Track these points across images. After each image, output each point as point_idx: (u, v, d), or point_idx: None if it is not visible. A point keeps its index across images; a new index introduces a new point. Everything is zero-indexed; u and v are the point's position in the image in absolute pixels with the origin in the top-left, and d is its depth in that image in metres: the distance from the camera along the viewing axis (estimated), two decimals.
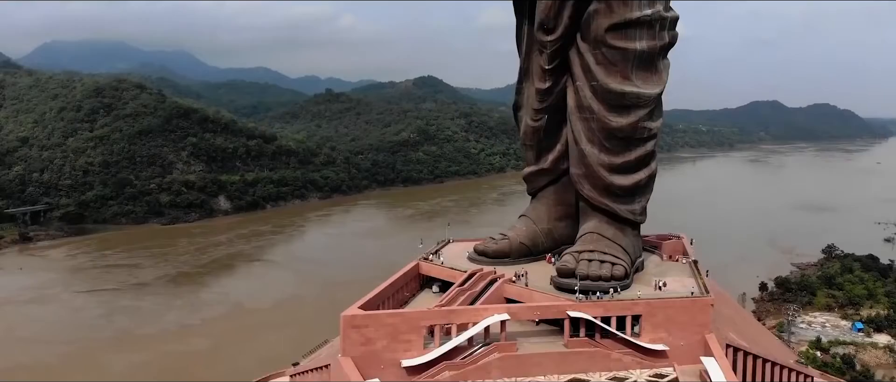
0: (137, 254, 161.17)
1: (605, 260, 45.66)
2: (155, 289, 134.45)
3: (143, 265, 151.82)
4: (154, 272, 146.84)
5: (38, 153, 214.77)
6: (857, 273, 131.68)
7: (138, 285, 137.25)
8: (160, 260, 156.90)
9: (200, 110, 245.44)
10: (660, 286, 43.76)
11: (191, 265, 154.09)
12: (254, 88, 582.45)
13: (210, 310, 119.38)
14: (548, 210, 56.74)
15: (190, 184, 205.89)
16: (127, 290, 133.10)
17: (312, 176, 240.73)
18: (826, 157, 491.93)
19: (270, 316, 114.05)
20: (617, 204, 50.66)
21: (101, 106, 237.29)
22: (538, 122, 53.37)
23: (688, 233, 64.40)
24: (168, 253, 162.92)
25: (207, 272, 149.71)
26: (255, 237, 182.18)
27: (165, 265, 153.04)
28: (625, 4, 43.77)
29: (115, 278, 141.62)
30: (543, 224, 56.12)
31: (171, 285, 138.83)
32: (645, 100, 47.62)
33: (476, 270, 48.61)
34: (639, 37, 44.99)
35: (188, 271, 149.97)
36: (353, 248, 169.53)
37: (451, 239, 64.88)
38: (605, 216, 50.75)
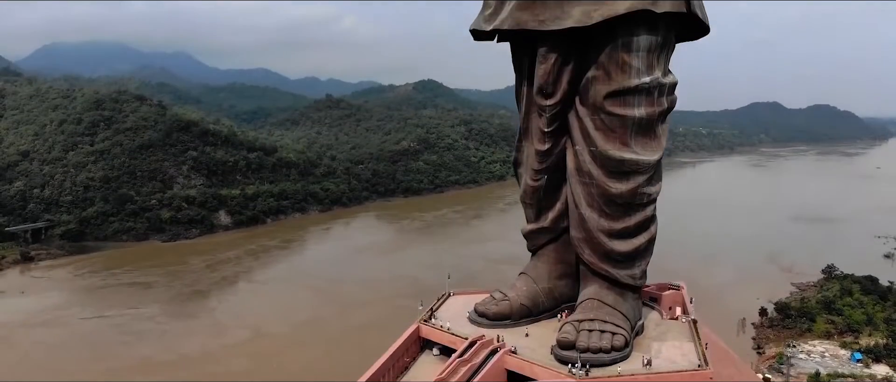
0: (146, 273, 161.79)
1: (605, 330, 45.50)
2: (169, 311, 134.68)
3: (153, 285, 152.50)
4: (166, 292, 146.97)
5: (39, 168, 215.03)
6: (857, 296, 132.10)
7: (151, 305, 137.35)
8: (170, 279, 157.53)
9: (201, 123, 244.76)
10: (646, 362, 43.66)
11: (202, 284, 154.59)
12: (254, 92, 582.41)
13: (231, 335, 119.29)
14: (548, 269, 56.61)
15: (190, 199, 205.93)
16: (140, 312, 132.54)
17: (313, 188, 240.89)
18: (826, 161, 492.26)
19: (292, 342, 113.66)
20: (617, 270, 50.62)
21: (102, 119, 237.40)
22: (538, 182, 53.32)
23: (687, 248, 64.51)
24: (177, 272, 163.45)
25: (220, 291, 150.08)
26: (262, 253, 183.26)
27: (176, 285, 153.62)
28: (623, 72, 43.78)
29: (127, 299, 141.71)
30: (544, 283, 56.03)
31: (184, 306, 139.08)
32: (644, 166, 47.66)
33: (477, 337, 48.70)
34: (637, 104, 44.94)
35: (201, 289, 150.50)
36: (362, 264, 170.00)
37: (452, 292, 64.88)
38: (606, 282, 50.73)
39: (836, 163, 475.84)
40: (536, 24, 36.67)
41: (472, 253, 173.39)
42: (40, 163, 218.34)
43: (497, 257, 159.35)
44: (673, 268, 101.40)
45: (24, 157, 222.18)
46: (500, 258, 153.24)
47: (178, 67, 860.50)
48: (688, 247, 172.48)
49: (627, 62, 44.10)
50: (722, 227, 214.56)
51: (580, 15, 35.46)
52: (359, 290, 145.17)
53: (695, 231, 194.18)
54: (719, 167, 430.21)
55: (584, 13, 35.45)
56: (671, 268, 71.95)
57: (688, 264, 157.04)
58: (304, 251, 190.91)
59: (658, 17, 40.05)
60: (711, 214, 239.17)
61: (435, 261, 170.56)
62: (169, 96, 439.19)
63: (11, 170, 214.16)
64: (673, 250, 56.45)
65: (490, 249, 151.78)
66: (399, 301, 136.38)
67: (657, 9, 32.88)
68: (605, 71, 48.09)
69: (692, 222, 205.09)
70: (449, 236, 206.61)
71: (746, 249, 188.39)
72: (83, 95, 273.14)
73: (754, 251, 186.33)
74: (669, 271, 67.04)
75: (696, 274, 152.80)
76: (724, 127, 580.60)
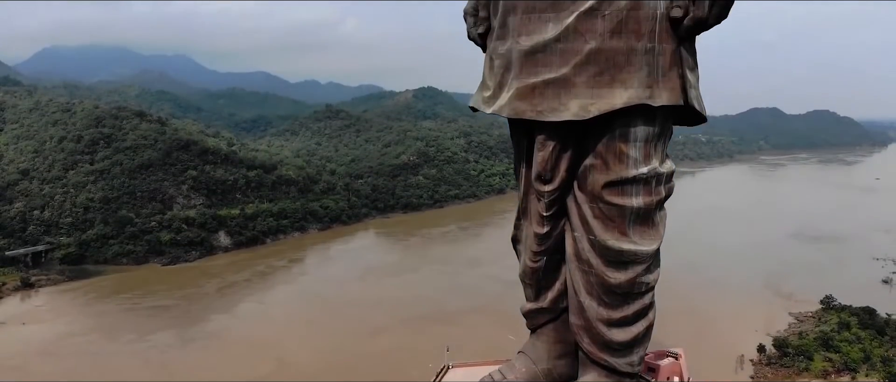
0: (156, 298, 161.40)
1: None
2: (186, 337, 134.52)
3: (165, 311, 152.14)
4: (178, 318, 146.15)
5: (39, 187, 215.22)
6: (855, 331, 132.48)
7: (166, 331, 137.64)
8: (181, 303, 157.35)
9: (201, 142, 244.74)
10: None
11: (215, 309, 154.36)
12: (254, 98, 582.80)
13: (256, 367, 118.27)
14: (547, 349, 56.77)
15: (190, 220, 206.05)
16: (156, 339, 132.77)
17: (312, 206, 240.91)
18: (825, 169, 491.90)
19: (319, 372, 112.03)
20: (616, 358, 50.78)
21: (102, 137, 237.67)
22: (537, 263, 53.41)
23: (686, 267, 64.17)
24: (187, 296, 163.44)
25: (233, 316, 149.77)
26: (270, 275, 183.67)
27: (191, 309, 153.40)
28: (621, 162, 43.90)
29: (140, 325, 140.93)
30: (543, 364, 56.18)
31: (200, 333, 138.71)
32: (642, 256, 47.76)
33: None
34: (635, 193, 45.11)
35: (214, 314, 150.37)
36: (374, 285, 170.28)
37: (451, 365, 65.20)
38: (604, 370, 51.18)
39: (835, 172, 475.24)
40: (534, 115, 36.94)
41: (486, 274, 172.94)
42: (40, 182, 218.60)
43: (512, 278, 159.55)
44: (672, 290, 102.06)
45: (24, 175, 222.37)
46: (516, 280, 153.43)
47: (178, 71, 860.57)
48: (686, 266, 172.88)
49: (625, 152, 44.26)
50: (721, 243, 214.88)
51: (577, 109, 35.88)
52: (375, 313, 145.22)
53: (694, 248, 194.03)
54: (719, 177, 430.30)
55: (581, 107, 35.86)
56: (670, 290, 71.99)
57: (686, 286, 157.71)
58: (312, 272, 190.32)
59: (655, 108, 40.49)
60: (711, 229, 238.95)
61: (449, 283, 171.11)
62: (169, 105, 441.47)
63: (11, 189, 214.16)
64: (672, 269, 56.08)
65: (503, 269, 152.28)
66: (418, 325, 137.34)
67: (654, 102, 33.33)
68: (603, 160, 48.32)
69: (691, 237, 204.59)
70: (457, 253, 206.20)
71: (745, 269, 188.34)
72: (83, 109, 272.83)
73: (753, 273, 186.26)
74: (668, 293, 67.13)
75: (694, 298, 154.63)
76: (723, 133, 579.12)
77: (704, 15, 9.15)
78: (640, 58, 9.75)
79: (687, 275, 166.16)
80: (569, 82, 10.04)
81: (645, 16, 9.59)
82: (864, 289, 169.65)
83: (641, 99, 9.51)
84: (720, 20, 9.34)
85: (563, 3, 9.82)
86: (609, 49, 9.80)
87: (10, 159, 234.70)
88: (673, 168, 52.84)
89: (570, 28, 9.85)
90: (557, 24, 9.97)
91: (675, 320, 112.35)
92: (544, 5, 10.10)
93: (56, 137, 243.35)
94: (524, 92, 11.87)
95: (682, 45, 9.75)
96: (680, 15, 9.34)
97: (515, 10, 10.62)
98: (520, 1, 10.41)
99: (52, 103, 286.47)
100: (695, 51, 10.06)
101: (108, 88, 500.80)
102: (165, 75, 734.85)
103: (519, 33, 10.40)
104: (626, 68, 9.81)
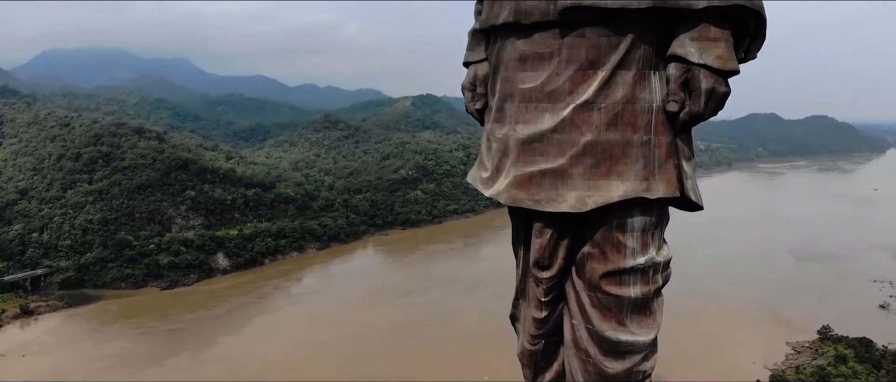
0: (166, 322, 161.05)
1: None
2: (209, 372, 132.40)
3: (178, 335, 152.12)
4: (196, 348, 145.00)
5: (37, 208, 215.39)
6: (851, 365, 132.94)
7: (183, 356, 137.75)
8: (192, 328, 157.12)
9: (199, 161, 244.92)
10: None
11: (229, 335, 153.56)
12: (252, 105, 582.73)
13: None
14: None
15: (189, 242, 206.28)
16: (177, 364, 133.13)
17: (310, 225, 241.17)
18: (824, 178, 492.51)
19: None
20: None
21: (100, 155, 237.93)
22: (535, 346, 53.58)
23: (680, 291, 63.95)
24: (197, 320, 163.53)
25: (250, 344, 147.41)
26: (277, 296, 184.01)
27: (203, 334, 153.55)
28: (618, 252, 44.29)
29: (154, 352, 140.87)
30: None
31: (222, 363, 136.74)
32: (640, 346, 48.05)
33: None
34: (633, 283, 45.49)
35: (230, 340, 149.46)
36: (388, 308, 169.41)
37: None
38: None
39: (834, 181, 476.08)
40: (532, 204, 37.62)
41: (496, 294, 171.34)
42: (39, 202, 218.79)
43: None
44: (670, 311, 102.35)
45: (22, 195, 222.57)
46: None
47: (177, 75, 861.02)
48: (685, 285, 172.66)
49: (622, 243, 44.82)
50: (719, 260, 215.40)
51: (574, 201, 36.56)
52: (391, 337, 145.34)
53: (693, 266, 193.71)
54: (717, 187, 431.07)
55: (578, 199, 36.55)
56: (668, 311, 71.77)
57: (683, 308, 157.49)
58: (317, 294, 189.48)
59: (652, 200, 41.14)
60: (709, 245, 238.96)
61: (463, 305, 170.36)
62: (167, 114, 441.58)
63: (10, 209, 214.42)
64: (671, 287, 55.80)
65: (512, 291, 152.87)
66: (440, 349, 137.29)
67: (651, 195, 34.07)
68: (600, 250, 48.79)
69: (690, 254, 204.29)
70: (463, 272, 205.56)
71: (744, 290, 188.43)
72: (82, 124, 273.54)
73: (751, 294, 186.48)
74: (667, 314, 67.56)
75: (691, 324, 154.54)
76: (722, 140, 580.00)
77: (700, 110, 9.47)
78: (637, 150, 9.95)
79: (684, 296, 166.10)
80: (566, 174, 10.29)
81: (641, 109, 9.84)
82: (862, 315, 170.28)
83: (638, 192, 9.76)
84: (716, 113, 9.70)
85: (560, 95, 10.02)
86: (605, 141, 9.98)
87: (8, 177, 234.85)
88: (670, 256, 53.49)
89: (567, 120, 10.03)
90: (554, 114, 10.15)
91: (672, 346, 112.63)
92: (541, 95, 10.30)
93: (55, 154, 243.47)
94: (522, 181, 12.10)
95: (678, 136, 10.07)
96: (676, 109, 9.62)
97: (512, 97, 10.82)
98: (517, 88, 10.72)
99: (51, 117, 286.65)
100: (691, 141, 10.34)
101: (107, 95, 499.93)
102: (164, 80, 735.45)
103: (516, 121, 10.63)
104: (622, 160, 10.03)
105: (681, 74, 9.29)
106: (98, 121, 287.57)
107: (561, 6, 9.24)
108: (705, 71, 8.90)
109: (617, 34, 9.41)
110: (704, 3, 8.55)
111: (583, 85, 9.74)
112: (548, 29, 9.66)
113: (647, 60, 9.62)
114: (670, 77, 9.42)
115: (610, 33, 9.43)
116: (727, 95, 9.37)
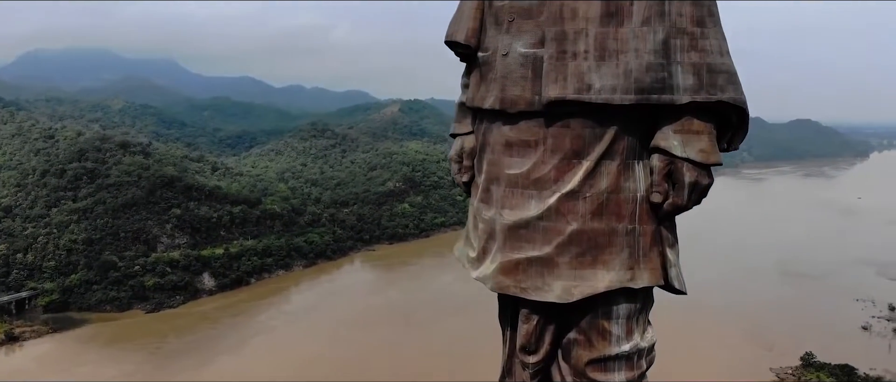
0: (159, 346, 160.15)
1: None
2: None
3: (179, 357, 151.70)
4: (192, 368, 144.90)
5: (22, 226, 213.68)
6: None
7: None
8: (191, 350, 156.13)
9: (184, 178, 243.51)
10: None
11: (230, 354, 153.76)
12: (238, 109, 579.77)
13: None
14: None
15: (174, 263, 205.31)
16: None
17: (296, 242, 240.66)
18: (808, 184, 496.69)
19: None
20: None
21: (85, 172, 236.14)
22: None
23: (662, 312, 64.08)
24: (195, 341, 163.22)
25: (254, 364, 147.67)
26: (262, 317, 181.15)
27: (215, 355, 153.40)
28: (604, 340, 44.46)
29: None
30: None
31: None
32: None
33: None
34: (618, 369, 45.61)
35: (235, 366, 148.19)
36: (390, 329, 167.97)
37: None
38: None
39: (818, 188, 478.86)
40: (518, 292, 38.07)
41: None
42: (23, 220, 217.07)
43: None
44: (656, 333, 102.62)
45: (6, 213, 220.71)
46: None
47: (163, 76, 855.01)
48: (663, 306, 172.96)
49: (608, 330, 45.05)
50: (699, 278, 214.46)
51: (561, 291, 37.09)
52: (408, 361, 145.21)
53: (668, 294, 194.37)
54: None
55: (564, 290, 37.06)
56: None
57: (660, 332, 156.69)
58: (310, 315, 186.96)
59: (637, 289, 41.72)
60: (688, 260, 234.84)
61: (471, 325, 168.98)
62: (153, 121, 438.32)
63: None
64: (655, 308, 55.65)
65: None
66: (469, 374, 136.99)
67: (636, 285, 34.74)
68: (586, 337, 49.09)
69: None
70: (459, 289, 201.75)
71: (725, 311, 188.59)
72: (66, 137, 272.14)
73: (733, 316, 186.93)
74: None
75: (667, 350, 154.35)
76: None
77: (683, 202, 9.77)
78: (622, 239, 10.13)
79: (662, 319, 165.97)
80: (552, 262, 10.40)
81: (625, 199, 10.04)
82: (845, 338, 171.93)
83: (623, 282, 9.86)
84: (698, 203, 10.02)
85: (546, 183, 10.15)
86: (591, 230, 10.13)
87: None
88: (654, 340, 53.86)
89: (553, 208, 10.13)
90: (540, 202, 10.28)
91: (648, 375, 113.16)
92: (527, 182, 10.37)
93: (39, 169, 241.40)
94: (508, 268, 12.14)
95: (662, 224, 10.34)
96: (660, 200, 9.89)
97: (499, 181, 10.89)
98: (503, 173, 10.91)
99: (35, 129, 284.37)
100: (675, 227, 10.58)
101: (92, 99, 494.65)
102: (149, 82, 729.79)
103: (502, 206, 10.77)
104: (607, 249, 10.18)
105: (664, 166, 9.48)
106: (82, 132, 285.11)
107: (546, 99, 9.32)
108: (688, 164, 9.03)
109: (601, 126, 9.57)
110: (687, 97, 8.75)
111: (568, 174, 9.86)
112: (533, 118, 9.75)
113: (631, 151, 9.79)
114: (654, 168, 9.61)
115: (594, 125, 9.58)
116: (710, 186, 9.60)
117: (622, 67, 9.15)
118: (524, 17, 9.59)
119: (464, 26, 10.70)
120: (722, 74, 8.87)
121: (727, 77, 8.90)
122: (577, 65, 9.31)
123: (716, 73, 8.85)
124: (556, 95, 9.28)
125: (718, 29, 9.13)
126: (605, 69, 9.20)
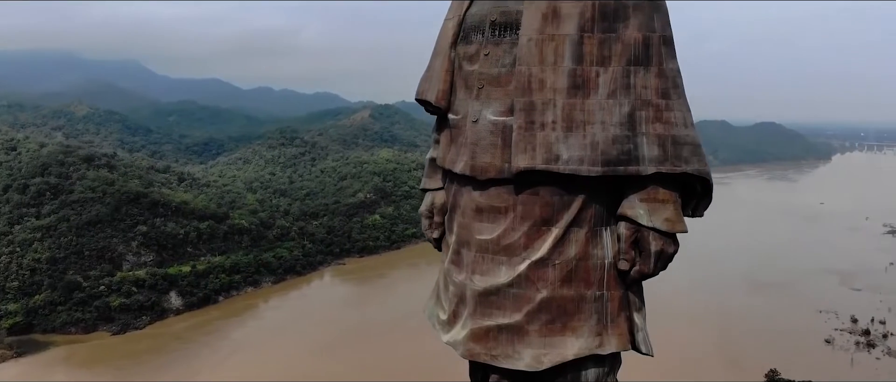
0: (137, 369, 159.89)
1: None
2: None
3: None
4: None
5: None
6: None
7: None
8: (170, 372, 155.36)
9: (150, 194, 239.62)
10: None
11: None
12: (205, 113, 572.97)
13: None
14: None
15: (140, 282, 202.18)
16: None
17: (265, 257, 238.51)
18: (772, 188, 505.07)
19: None
20: None
21: (48, 187, 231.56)
22: None
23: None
24: (172, 360, 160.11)
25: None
26: (233, 336, 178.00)
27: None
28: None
29: None
30: None
31: None
32: None
33: None
34: None
35: None
36: (378, 348, 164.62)
37: None
38: None
39: (782, 192, 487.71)
40: (489, 359, 38.42)
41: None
42: None
43: None
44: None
45: None
46: None
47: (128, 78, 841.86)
48: None
49: None
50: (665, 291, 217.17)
51: (530, 360, 37.48)
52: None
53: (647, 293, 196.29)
54: None
55: (534, 358, 37.46)
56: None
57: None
58: (287, 334, 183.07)
59: (604, 356, 42.31)
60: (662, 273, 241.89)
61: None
62: (118, 128, 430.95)
63: None
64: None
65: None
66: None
67: (603, 351, 35.17)
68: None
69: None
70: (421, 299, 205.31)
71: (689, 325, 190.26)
72: (28, 150, 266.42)
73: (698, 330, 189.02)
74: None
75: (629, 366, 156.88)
76: None
77: (649, 270, 10.01)
78: (590, 305, 10.30)
79: None
80: (522, 330, 10.51)
81: (593, 265, 10.19)
82: (808, 353, 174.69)
83: (591, 349, 9.97)
84: (664, 269, 10.27)
85: (515, 250, 10.26)
86: (560, 297, 10.27)
87: None
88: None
89: (523, 276, 10.23)
90: (510, 269, 10.39)
91: None
92: (497, 248, 10.42)
93: (1, 184, 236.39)
94: (479, 335, 12.17)
95: (629, 289, 10.58)
96: (627, 268, 10.11)
97: (469, 245, 10.95)
98: (474, 238, 11.02)
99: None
100: (642, 291, 10.80)
101: (55, 105, 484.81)
102: (114, 85, 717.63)
103: (473, 271, 10.83)
104: (576, 316, 10.34)
105: (631, 234, 9.59)
106: (45, 144, 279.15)
107: (515, 168, 9.48)
108: (655, 233, 9.15)
109: (569, 194, 9.64)
110: (653, 168, 8.93)
111: (538, 241, 9.94)
112: (503, 185, 9.79)
113: (598, 218, 9.91)
114: (621, 236, 9.75)
115: (563, 193, 9.64)
116: (675, 253, 9.76)
117: (589, 139, 9.31)
118: (493, 85, 9.72)
119: (434, 87, 10.79)
120: (686, 146, 9.06)
121: (692, 149, 9.11)
122: (546, 135, 9.46)
123: (680, 144, 9.03)
124: (526, 165, 9.39)
125: (683, 101, 9.35)
126: (573, 140, 9.35)
